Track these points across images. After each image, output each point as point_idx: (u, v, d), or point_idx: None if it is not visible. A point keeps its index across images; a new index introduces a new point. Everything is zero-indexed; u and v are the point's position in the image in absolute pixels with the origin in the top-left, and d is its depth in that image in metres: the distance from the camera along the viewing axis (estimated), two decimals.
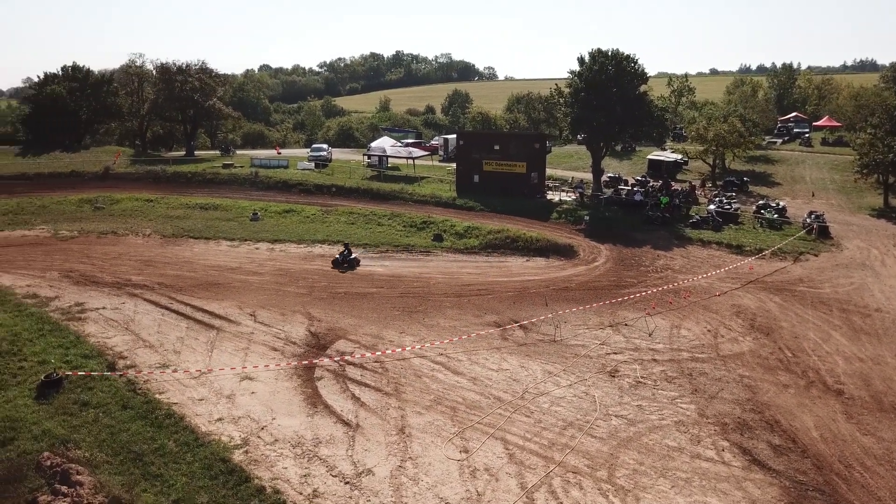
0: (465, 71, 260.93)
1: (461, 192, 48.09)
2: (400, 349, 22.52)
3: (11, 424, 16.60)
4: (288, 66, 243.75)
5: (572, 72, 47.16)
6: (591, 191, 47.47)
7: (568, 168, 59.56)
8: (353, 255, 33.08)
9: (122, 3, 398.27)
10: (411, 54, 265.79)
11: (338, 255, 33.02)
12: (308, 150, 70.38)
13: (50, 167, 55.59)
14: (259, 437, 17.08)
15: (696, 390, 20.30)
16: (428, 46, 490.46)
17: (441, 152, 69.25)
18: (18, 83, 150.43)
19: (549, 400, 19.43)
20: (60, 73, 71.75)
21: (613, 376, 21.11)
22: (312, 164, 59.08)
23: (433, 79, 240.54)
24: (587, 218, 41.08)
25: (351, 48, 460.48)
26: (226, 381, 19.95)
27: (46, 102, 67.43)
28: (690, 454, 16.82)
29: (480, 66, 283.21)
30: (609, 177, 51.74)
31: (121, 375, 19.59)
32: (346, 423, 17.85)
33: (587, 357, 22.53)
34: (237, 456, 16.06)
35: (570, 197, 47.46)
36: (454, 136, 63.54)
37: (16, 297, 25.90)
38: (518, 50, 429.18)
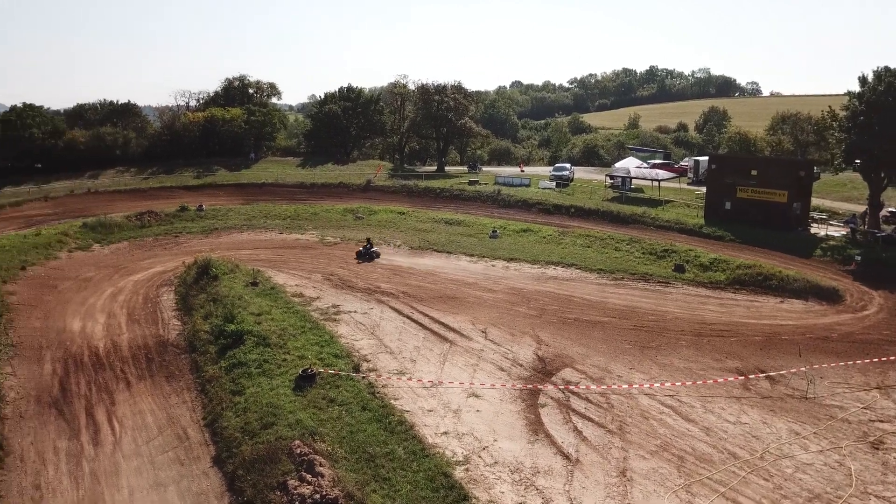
0: (725, 86, 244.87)
1: (710, 219, 45.19)
2: (627, 386, 21.71)
3: (273, 411, 18.83)
4: (538, 82, 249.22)
5: (851, 93, 41.92)
6: (865, 226, 41.72)
7: (838, 199, 53.01)
8: (374, 249, 37.69)
9: (394, 28, 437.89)
10: (666, 69, 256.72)
11: (361, 249, 37.73)
12: (550, 168, 71.21)
13: (322, 178, 62.93)
14: (480, 456, 17.50)
15: None
16: (685, 61, 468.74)
17: (690, 175, 65.71)
18: (305, 99, 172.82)
19: (793, 465, 17.37)
20: (337, 93, 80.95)
21: (877, 448, 18.26)
22: (553, 184, 59.58)
23: (688, 94, 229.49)
24: (858, 258, 36.15)
25: (602, 64, 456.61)
26: (454, 396, 20.78)
27: (324, 119, 76.58)
28: None
29: (742, 80, 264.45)
30: (890, 212, 45.02)
31: (363, 378, 21.30)
32: (566, 456, 17.60)
33: (845, 421, 19.77)
34: (458, 472, 16.59)
35: (838, 232, 42.20)
36: (706, 157, 60.02)
37: (286, 294, 29.54)
38: (787, 63, 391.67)
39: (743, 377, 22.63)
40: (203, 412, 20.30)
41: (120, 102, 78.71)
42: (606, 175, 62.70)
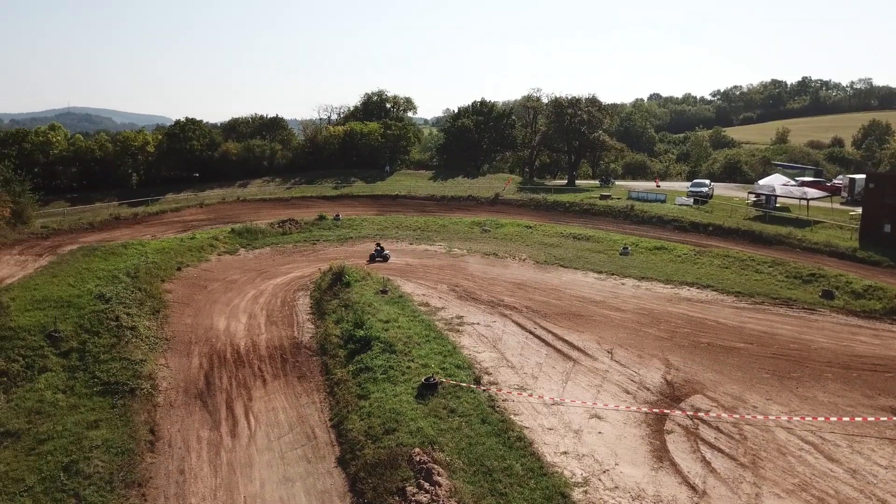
0: (889, 98, 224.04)
1: (865, 242, 41.55)
2: (763, 417, 20.31)
3: (396, 417, 19.26)
4: (678, 94, 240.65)
5: None
6: None
7: None
8: (385, 252, 40.01)
9: (532, 44, 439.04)
10: (820, 80, 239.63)
11: (373, 252, 39.85)
12: (688, 184, 68.43)
13: (453, 191, 64.07)
14: (600, 479, 17.01)
15: None
16: (842, 71, 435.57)
17: (844, 194, 60.87)
18: (440, 113, 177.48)
19: None
20: (470, 107, 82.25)
21: None
22: (691, 200, 57.13)
23: (845, 107, 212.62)
24: None
25: (748, 75, 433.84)
26: (575, 415, 20.35)
27: (457, 133, 78.08)
28: None
29: None
30: None
31: (484, 390, 21.29)
32: (692, 487, 16.73)
33: None
34: (576, 494, 16.21)
35: None
36: (863, 175, 55.34)
37: (413, 303, 30.22)
38: None
39: None
40: (330, 413, 21.15)
41: (269, 116, 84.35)
42: (749, 192, 59.38)
